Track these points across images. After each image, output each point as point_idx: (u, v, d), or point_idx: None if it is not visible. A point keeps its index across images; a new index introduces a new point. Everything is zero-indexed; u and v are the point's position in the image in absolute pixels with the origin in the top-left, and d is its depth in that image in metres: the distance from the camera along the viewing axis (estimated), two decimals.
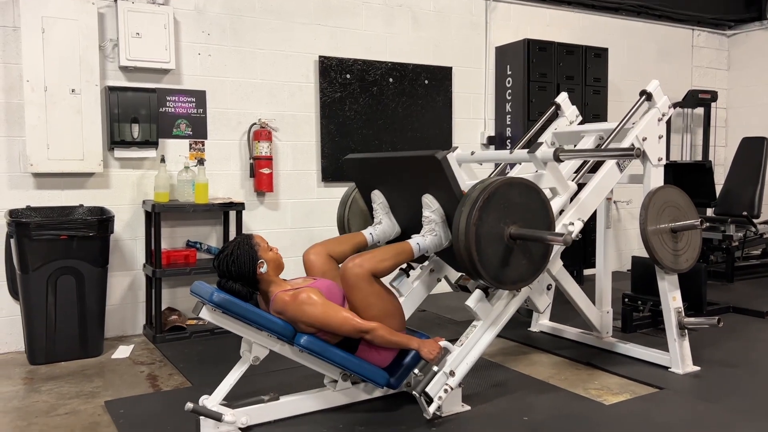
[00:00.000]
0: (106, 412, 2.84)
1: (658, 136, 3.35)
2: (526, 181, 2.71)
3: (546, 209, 2.74)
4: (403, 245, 2.82)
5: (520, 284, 2.73)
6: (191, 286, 2.67)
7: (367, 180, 3.22)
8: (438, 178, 2.72)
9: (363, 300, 2.66)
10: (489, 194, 2.56)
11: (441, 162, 2.65)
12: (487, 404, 2.87)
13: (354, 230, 3.38)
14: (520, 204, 2.65)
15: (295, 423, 2.68)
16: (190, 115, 4.26)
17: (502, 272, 2.63)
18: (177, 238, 4.26)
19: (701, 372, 3.27)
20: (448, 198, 2.76)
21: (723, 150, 6.99)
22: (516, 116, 5.30)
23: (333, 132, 4.74)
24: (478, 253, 2.55)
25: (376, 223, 3.15)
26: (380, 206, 3.14)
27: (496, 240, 2.60)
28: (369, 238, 3.09)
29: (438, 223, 2.83)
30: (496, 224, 2.59)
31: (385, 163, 3.02)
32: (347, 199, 3.41)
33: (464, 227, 2.54)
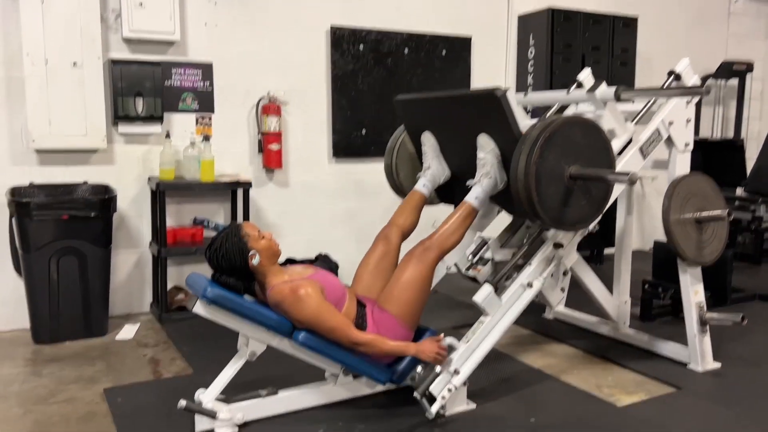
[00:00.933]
0: (104, 401, 2.79)
1: (686, 120, 3.14)
2: (588, 119, 2.62)
3: (607, 149, 2.64)
4: (465, 209, 2.74)
5: (580, 225, 2.67)
6: (186, 277, 2.58)
7: (417, 122, 3.12)
8: (496, 117, 2.61)
9: (410, 279, 2.63)
10: (550, 133, 2.46)
11: (500, 99, 2.55)
12: (494, 402, 2.76)
13: (402, 176, 3.32)
14: (581, 143, 2.56)
15: (293, 419, 2.60)
16: (196, 88, 4.12)
17: (561, 213, 2.55)
18: (184, 214, 4.17)
19: (722, 370, 3.12)
20: (505, 138, 2.65)
21: (757, 123, 6.67)
22: (538, 87, 5.06)
23: (345, 106, 4.57)
24: (538, 193, 2.46)
25: (425, 168, 3.05)
26: (430, 149, 3.03)
27: (557, 180, 2.52)
28: (425, 191, 3.02)
29: (494, 165, 2.71)
30: (557, 164, 2.50)
31: (439, 103, 2.94)
32: (394, 144, 3.34)
33: (524, 166, 2.45)
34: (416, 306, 2.65)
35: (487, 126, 2.71)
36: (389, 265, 2.85)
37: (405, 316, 2.63)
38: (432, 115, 3.01)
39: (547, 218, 2.53)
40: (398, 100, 3.15)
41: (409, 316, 2.64)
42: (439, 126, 3.00)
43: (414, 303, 2.64)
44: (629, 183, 2.42)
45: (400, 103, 3.15)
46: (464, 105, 2.80)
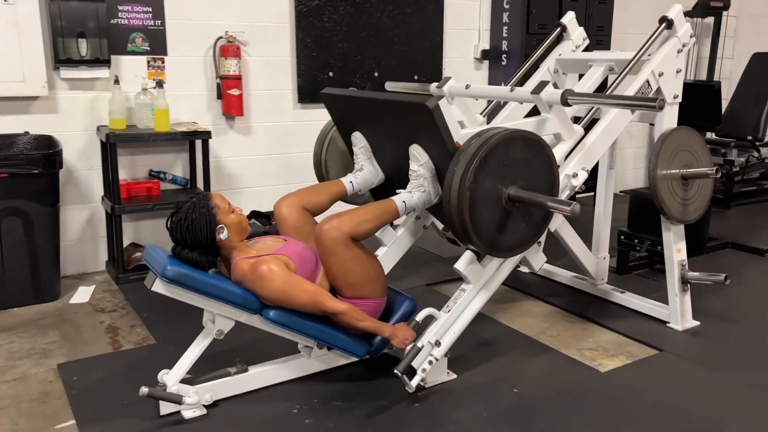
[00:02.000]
0: (58, 378, 2.59)
1: (675, 71, 2.96)
2: (529, 133, 2.34)
3: (550, 165, 2.39)
4: (387, 204, 2.48)
5: (518, 251, 2.43)
6: (142, 252, 2.35)
7: (347, 119, 2.82)
8: (428, 128, 2.34)
9: (340, 266, 2.36)
10: (487, 151, 2.20)
11: (433, 111, 2.26)
12: (474, 371, 2.66)
13: (332, 172, 3.01)
14: (521, 160, 2.31)
15: (265, 396, 2.45)
16: (146, 27, 3.75)
17: (498, 239, 2.33)
18: (138, 167, 3.88)
19: (701, 328, 3.07)
20: (439, 150, 2.40)
21: (729, 62, 6.55)
22: (513, 28, 4.81)
23: (310, 46, 4.25)
24: (472, 219, 2.23)
25: (357, 169, 2.79)
26: (362, 150, 2.77)
27: (493, 203, 2.28)
28: (349, 187, 2.75)
29: (427, 178, 2.49)
30: (494, 186, 2.26)
31: (368, 105, 2.61)
32: (324, 137, 3.02)
33: (457, 190, 2.20)
34: (367, 279, 2.42)
35: (420, 136, 2.44)
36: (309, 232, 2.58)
37: (363, 293, 2.42)
38: (363, 115, 2.69)
39: (482, 245, 2.29)
40: (324, 95, 2.82)
41: (372, 287, 2.43)
42: (370, 128, 2.70)
43: (363, 279, 2.40)
44: (570, 214, 2.19)
45: (327, 97, 2.82)
46: (395, 111, 2.49)
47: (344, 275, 2.38)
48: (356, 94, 2.70)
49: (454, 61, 4.86)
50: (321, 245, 2.36)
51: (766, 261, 4.09)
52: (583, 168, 2.71)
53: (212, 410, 2.34)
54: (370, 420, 2.30)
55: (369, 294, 2.44)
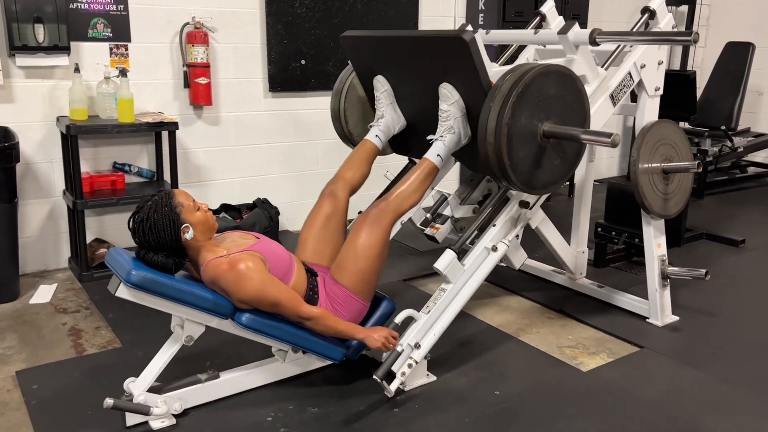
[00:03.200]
0: (16, 387, 2.45)
1: (657, 62, 2.90)
2: (563, 68, 2.34)
3: (582, 101, 2.40)
4: (425, 167, 2.46)
5: (551, 188, 2.45)
6: (105, 256, 2.21)
7: (368, 63, 2.74)
8: (462, 63, 2.29)
9: (365, 243, 2.36)
10: (523, 87, 2.19)
11: (469, 44, 2.22)
12: (454, 372, 2.58)
13: (352, 124, 2.94)
14: (555, 96, 2.30)
15: (238, 403, 2.35)
16: (108, 12, 3.56)
17: (533, 175, 2.33)
18: (102, 159, 3.70)
19: (680, 323, 3.05)
20: (471, 88, 2.35)
21: (702, 51, 6.56)
22: (490, 15, 4.71)
23: (281, 32, 4.10)
24: (510, 156, 2.21)
25: (378, 117, 2.72)
26: (384, 95, 2.69)
27: (529, 140, 2.27)
28: (377, 142, 2.71)
29: (458, 118, 2.42)
30: (530, 122, 2.25)
31: (394, 44, 2.56)
32: (342, 87, 2.92)
33: (494, 127, 2.18)
34: (372, 275, 2.39)
35: (451, 73, 2.39)
36: (338, 226, 2.57)
37: (360, 288, 2.38)
38: (386, 57, 2.63)
39: (519, 182, 2.29)
40: (346, 37, 2.75)
41: (364, 286, 2.39)
42: (394, 70, 2.64)
43: (369, 273, 2.38)
44: (611, 145, 2.18)
45: (348, 40, 2.75)
46: (425, 48, 2.44)
47: (360, 258, 2.35)
48: (381, 34, 2.63)
49: None
50: (364, 217, 2.39)
51: (741, 252, 4.10)
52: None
53: (182, 419, 2.23)
54: (349, 427, 2.22)
55: (360, 292, 2.38)
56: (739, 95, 5.48)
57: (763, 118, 6.22)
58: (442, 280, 2.50)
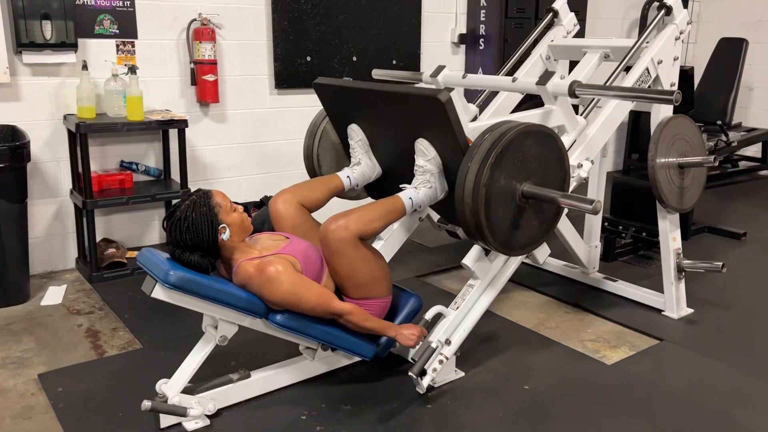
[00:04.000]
0: (41, 390, 2.41)
1: (673, 58, 2.93)
2: (544, 127, 2.25)
3: (562, 159, 2.32)
4: (395, 202, 2.37)
5: (530, 248, 2.36)
6: (138, 255, 2.18)
7: (342, 111, 2.68)
8: (438, 121, 2.23)
9: (347, 267, 2.25)
10: (502, 148, 2.11)
11: (445, 105, 2.15)
12: (481, 368, 2.59)
13: (325, 167, 2.87)
14: (535, 156, 2.23)
15: (270, 403, 2.33)
16: (114, 8, 3.50)
17: (511, 237, 2.25)
18: (108, 157, 3.65)
19: (695, 315, 3.09)
20: (448, 145, 2.29)
21: (693, 47, 6.65)
22: (491, 11, 4.73)
23: (287, 29, 4.07)
24: (487, 217, 2.14)
25: (354, 163, 2.67)
26: (359, 144, 2.64)
27: (507, 200, 2.20)
28: (346, 182, 2.63)
29: (434, 174, 2.38)
30: (509, 182, 2.18)
31: (369, 96, 2.47)
32: (315, 129, 2.87)
33: (471, 188, 2.11)
34: (379, 275, 2.33)
35: (427, 129, 2.32)
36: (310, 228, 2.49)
37: (375, 292, 2.34)
38: (361, 107, 2.54)
39: (496, 243, 2.21)
40: (319, 85, 2.65)
41: (379, 288, 2.34)
42: (369, 120, 2.56)
43: (372, 278, 2.31)
44: (592, 213, 2.15)
45: (321, 88, 2.65)
46: (401, 104, 2.36)
47: (352, 276, 2.27)
48: (354, 84, 2.55)
49: (431, 45, 4.76)
50: (327, 246, 2.24)
51: (743, 245, 4.17)
52: (587, 158, 2.66)
53: (215, 420, 2.21)
54: (384, 425, 2.21)
55: (376, 294, 2.35)
56: (734, 90, 5.57)
57: (753, 113, 6.32)
58: (455, 276, 2.51)
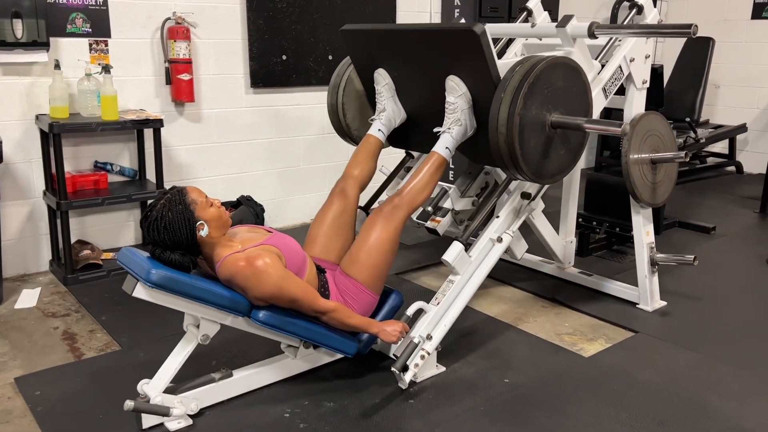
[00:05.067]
0: (18, 394, 2.37)
1: (645, 56, 3.00)
2: (569, 60, 2.42)
3: (586, 92, 2.49)
4: (435, 161, 2.47)
5: (558, 177, 2.50)
6: (118, 254, 2.17)
7: (369, 57, 2.73)
8: (471, 56, 2.32)
9: (378, 238, 2.39)
10: (533, 79, 2.24)
11: (480, 37, 2.24)
12: (462, 362, 2.62)
13: (350, 116, 2.92)
14: (562, 88, 2.38)
15: (253, 401, 2.33)
16: (87, 7, 3.46)
17: (542, 165, 2.39)
18: (82, 158, 3.60)
19: (669, 308, 3.16)
20: (478, 80, 2.38)
21: (661, 46, 6.78)
22: (465, 11, 4.75)
23: (262, 28, 4.06)
24: (521, 146, 2.26)
25: (379, 110, 2.73)
26: (385, 88, 2.70)
27: (538, 130, 2.33)
28: (380, 136, 2.73)
29: (464, 110, 2.44)
30: (539, 113, 2.31)
31: (398, 37, 2.55)
32: (339, 81, 2.90)
33: (506, 118, 2.22)
34: (383, 270, 2.41)
35: (458, 66, 2.41)
36: (347, 222, 2.57)
37: (371, 282, 2.39)
38: (389, 50, 2.63)
39: (529, 172, 2.34)
40: (346, 31, 2.74)
41: (376, 280, 2.40)
42: (396, 63, 2.65)
43: (381, 267, 2.40)
44: (621, 134, 2.26)
45: (348, 34, 2.74)
46: (432, 41, 2.46)
47: (373, 253, 2.37)
48: (385, 27, 2.63)
49: None
50: (380, 211, 2.42)
51: (712, 238, 4.27)
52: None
53: (198, 420, 2.20)
54: (368, 420, 2.23)
55: (372, 286, 2.40)
56: (701, 88, 5.70)
57: (719, 110, 6.47)
58: (433, 272, 2.54)
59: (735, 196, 5.34)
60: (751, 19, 6.08)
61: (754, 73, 6.14)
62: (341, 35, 2.77)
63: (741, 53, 6.20)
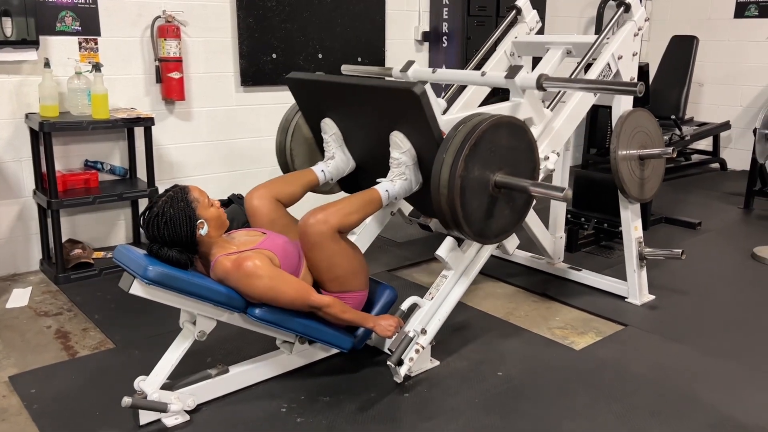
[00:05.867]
0: (12, 392, 2.37)
1: (632, 54, 3.04)
2: (514, 119, 2.34)
3: (532, 150, 2.40)
4: (371, 194, 2.40)
5: (503, 237, 2.44)
6: (114, 251, 2.17)
7: (316, 105, 2.70)
8: (413, 113, 2.27)
9: (326, 260, 2.28)
10: (476, 139, 2.18)
11: (420, 97, 2.20)
12: (455, 356, 2.65)
13: (298, 161, 2.89)
14: (506, 147, 2.30)
15: (249, 396, 2.34)
16: (76, 5, 3.45)
17: (486, 225, 2.32)
18: (72, 157, 3.59)
19: (657, 301, 3.21)
20: (422, 137, 2.34)
21: (646, 45, 6.86)
22: (454, 9, 4.80)
23: (252, 26, 4.07)
24: (463, 207, 2.20)
25: (328, 157, 2.69)
26: (333, 138, 2.66)
27: (481, 190, 2.26)
28: (321, 176, 2.65)
29: (409, 166, 2.42)
30: (482, 173, 2.24)
31: (343, 90, 2.50)
32: (288, 124, 2.87)
33: (447, 179, 2.17)
34: (356, 270, 2.37)
35: (402, 123, 2.36)
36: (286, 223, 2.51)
37: (352, 285, 2.37)
38: (335, 101, 2.58)
39: (472, 233, 2.28)
40: (291, 79, 2.67)
41: (356, 281, 2.38)
42: (343, 114, 2.59)
43: (352, 270, 2.35)
44: (563, 200, 2.24)
45: (294, 82, 2.67)
46: (375, 98, 2.40)
47: (330, 269, 2.30)
48: (328, 78, 2.57)
49: (396, 43, 4.81)
50: (307, 239, 2.26)
51: (698, 234, 4.33)
52: (553, 150, 2.75)
53: (195, 415, 2.21)
54: (364, 414, 2.25)
55: (354, 287, 2.38)
56: (686, 86, 5.78)
57: (703, 108, 6.56)
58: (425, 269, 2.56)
59: (719, 192, 5.43)
60: (734, 18, 6.17)
61: (738, 71, 6.24)
62: (286, 82, 2.70)
63: (724, 52, 6.30)
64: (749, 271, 3.67)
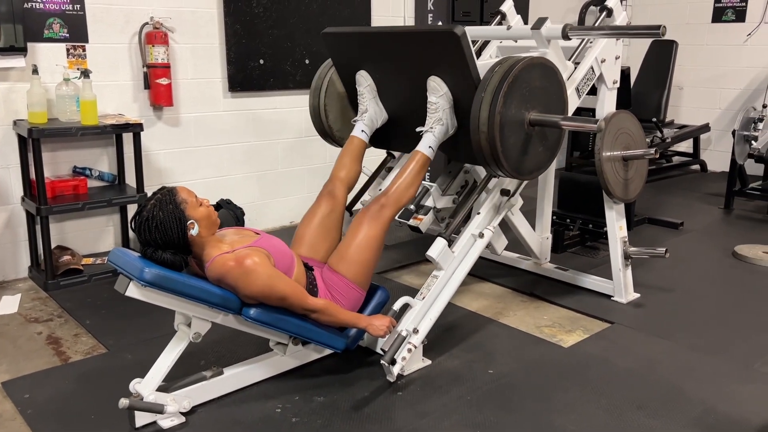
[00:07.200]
0: (6, 398, 2.37)
1: (615, 57, 3.11)
2: (546, 61, 2.51)
3: (562, 91, 2.58)
4: (419, 160, 2.54)
5: (536, 173, 2.61)
6: (109, 254, 2.18)
7: (350, 59, 2.79)
8: (451, 57, 2.40)
9: (365, 237, 2.45)
10: (512, 78, 2.33)
11: (461, 38, 2.32)
12: (447, 356, 2.69)
13: (332, 118, 2.98)
14: (539, 87, 2.46)
15: (244, 397, 2.36)
16: (64, 12, 3.45)
17: (521, 162, 2.48)
18: (60, 163, 3.59)
19: (642, 299, 3.28)
20: (460, 81, 2.46)
21: (627, 49, 6.97)
22: (438, 15, 4.86)
23: (239, 32, 4.09)
24: (502, 143, 2.34)
25: (361, 111, 2.79)
26: (367, 90, 2.76)
27: (517, 128, 2.42)
28: (364, 137, 2.79)
29: (446, 110, 2.52)
30: (518, 111, 2.40)
31: (379, 39, 2.62)
32: (321, 83, 2.96)
33: (486, 116, 2.31)
34: (370, 266, 2.48)
35: (439, 67, 2.49)
36: (334, 223, 2.63)
37: (359, 278, 2.45)
38: (370, 52, 2.70)
39: (509, 169, 2.43)
40: (327, 33, 2.80)
41: (363, 276, 2.46)
42: (378, 65, 2.72)
43: (368, 263, 2.46)
44: (597, 131, 2.37)
45: (329, 37, 2.80)
46: (413, 43, 2.54)
47: (362, 250, 2.43)
48: (366, 30, 2.70)
49: None
50: (366, 211, 2.48)
51: (681, 233, 4.42)
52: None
53: (190, 417, 2.23)
54: (358, 412, 2.28)
55: (359, 282, 2.46)
56: (666, 90, 5.89)
57: (683, 111, 6.69)
58: (414, 271, 2.60)
59: (700, 193, 5.53)
60: (712, 23, 6.31)
61: (716, 74, 6.36)
62: (322, 38, 2.83)
63: (703, 56, 6.42)
64: (731, 269, 3.75)
